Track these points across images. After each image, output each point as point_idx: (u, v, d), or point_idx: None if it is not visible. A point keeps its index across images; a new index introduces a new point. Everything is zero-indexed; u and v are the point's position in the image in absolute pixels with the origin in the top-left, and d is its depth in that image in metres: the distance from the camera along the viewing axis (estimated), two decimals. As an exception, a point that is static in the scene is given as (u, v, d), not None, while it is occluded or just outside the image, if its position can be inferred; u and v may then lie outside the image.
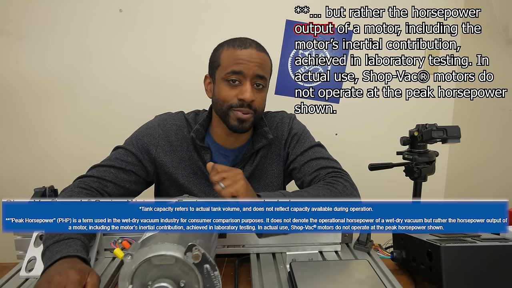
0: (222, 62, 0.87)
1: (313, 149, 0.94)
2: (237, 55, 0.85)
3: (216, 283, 0.53)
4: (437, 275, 0.63)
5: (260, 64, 0.86)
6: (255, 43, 0.89)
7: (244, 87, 0.85)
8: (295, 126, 0.98)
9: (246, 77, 0.85)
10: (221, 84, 0.87)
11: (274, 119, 0.99)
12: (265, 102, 0.92)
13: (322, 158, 0.91)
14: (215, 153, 0.94)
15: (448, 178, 1.76)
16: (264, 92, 0.90)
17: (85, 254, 0.65)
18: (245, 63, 0.84)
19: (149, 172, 0.92)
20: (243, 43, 0.86)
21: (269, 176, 0.97)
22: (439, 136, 0.87)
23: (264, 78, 0.87)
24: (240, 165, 0.95)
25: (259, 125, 0.95)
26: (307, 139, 0.96)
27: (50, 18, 1.52)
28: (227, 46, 0.88)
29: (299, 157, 0.93)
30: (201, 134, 0.93)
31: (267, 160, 0.96)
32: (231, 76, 0.85)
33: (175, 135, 0.93)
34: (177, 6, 1.55)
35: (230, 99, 0.86)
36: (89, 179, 0.83)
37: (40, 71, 1.55)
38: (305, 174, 0.90)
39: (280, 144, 0.96)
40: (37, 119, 1.59)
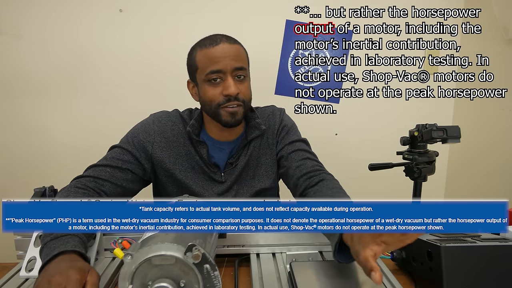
0: (199, 64, 0.88)
1: (300, 142, 0.97)
2: (211, 54, 0.86)
3: (216, 283, 0.53)
4: (437, 275, 0.63)
5: (235, 57, 0.87)
6: (225, 37, 0.89)
7: (226, 83, 0.86)
8: (285, 119, 1.01)
9: (225, 73, 0.86)
10: (204, 85, 0.88)
11: (265, 111, 1.02)
12: (250, 90, 0.93)
13: (308, 151, 0.95)
14: (211, 148, 0.95)
15: (448, 178, 1.76)
16: (246, 81, 0.91)
17: (83, 249, 0.65)
18: (221, 60, 0.85)
19: (146, 170, 0.93)
20: (214, 40, 0.87)
21: (263, 166, 0.98)
22: (439, 136, 0.87)
23: (243, 69, 0.88)
24: (235, 157, 0.96)
25: (252, 118, 0.97)
26: (295, 132, 1.00)
27: (50, 18, 1.52)
28: (200, 47, 0.89)
29: (287, 146, 0.96)
30: (197, 129, 0.94)
31: (261, 150, 0.98)
32: (211, 76, 0.86)
33: (171, 130, 0.94)
34: (177, 7, 1.55)
35: (216, 97, 0.87)
36: (86, 179, 0.83)
37: (39, 70, 1.55)
38: (292, 162, 0.92)
39: (272, 134, 0.98)
40: (37, 118, 1.59)
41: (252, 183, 0.97)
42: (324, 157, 0.97)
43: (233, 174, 0.96)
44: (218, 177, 0.95)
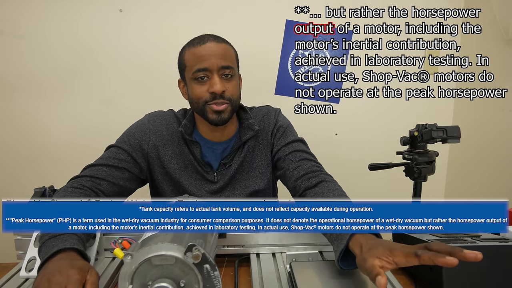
0: (187, 63, 0.89)
1: (297, 143, 0.96)
2: (198, 52, 0.87)
3: (216, 283, 0.53)
4: (437, 275, 0.63)
5: (222, 55, 0.87)
6: (213, 36, 0.90)
7: (212, 80, 0.87)
8: (281, 119, 1.00)
9: (212, 71, 0.86)
10: (191, 83, 0.89)
11: (260, 112, 1.01)
12: (238, 90, 0.93)
13: (305, 152, 0.94)
14: (203, 147, 0.96)
15: (448, 178, 1.76)
16: (234, 80, 0.91)
17: (81, 247, 0.65)
18: (208, 58, 0.86)
19: (142, 169, 0.93)
20: (201, 39, 0.88)
21: (258, 167, 0.98)
22: (439, 136, 0.87)
23: (230, 68, 0.88)
24: (228, 158, 0.96)
25: (245, 118, 0.97)
26: (291, 133, 0.99)
27: (50, 18, 1.52)
28: (188, 46, 0.90)
29: (283, 147, 0.95)
30: (189, 129, 0.95)
31: (255, 151, 0.98)
32: (198, 74, 0.87)
33: (166, 129, 0.95)
34: (177, 7, 1.55)
35: (202, 95, 0.88)
36: (82, 179, 0.83)
37: (39, 71, 1.55)
38: (289, 163, 0.92)
39: (267, 135, 0.98)
40: (36, 118, 1.59)
41: (246, 184, 0.97)
42: (324, 157, 0.97)
43: (227, 175, 0.96)
44: (211, 177, 0.96)
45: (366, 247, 0.57)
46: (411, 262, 0.52)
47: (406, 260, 0.52)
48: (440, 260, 0.48)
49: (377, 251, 0.55)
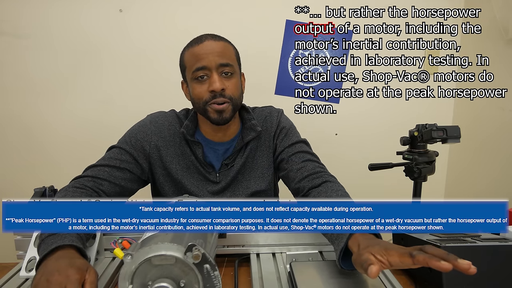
0: (187, 63, 0.89)
1: (300, 144, 0.96)
2: (196, 52, 0.87)
3: (216, 283, 0.53)
4: (437, 275, 0.63)
5: (220, 53, 0.87)
6: (211, 35, 0.90)
7: (211, 79, 0.86)
8: (283, 120, 1.00)
9: (211, 69, 0.86)
10: (192, 84, 0.89)
11: (262, 112, 1.01)
12: (240, 88, 0.93)
13: (309, 153, 0.94)
14: (205, 147, 0.96)
15: (448, 178, 1.76)
16: (235, 78, 0.90)
17: (80, 245, 0.64)
18: (206, 57, 0.86)
19: (144, 169, 0.93)
20: (199, 39, 0.88)
21: (259, 168, 0.98)
22: (439, 136, 0.87)
23: (230, 65, 0.88)
24: (230, 159, 0.96)
25: (247, 119, 0.97)
26: (294, 134, 0.99)
27: (50, 18, 1.52)
28: (187, 47, 0.90)
29: (287, 148, 0.95)
30: (191, 129, 0.95)
31: (257, 152, 0.98)
32: (197, 73, 0.87)
33: (168, 130, 0.95)
34: (178, 7, 1.55)
35: (203, 94, 0.88)
36: (84, 179, 0.83)
37: (39, 71, 1.55)
38: (293, 164, 0.91)
39: (269, 136, 0.98)
40: (36, 118, 1.59)
41: (248, 185, 0.97)
42: (324, 157, 0.97)
43: (229, 175, 0.96)
44: (213, 178, 0.95)
45: (363, 245, 0.58)
46: (405, 262, 0.52)
47: (400, 260, 0.52)
48: (434, 263, 0.48)
49: (373, 249, 0.55)
